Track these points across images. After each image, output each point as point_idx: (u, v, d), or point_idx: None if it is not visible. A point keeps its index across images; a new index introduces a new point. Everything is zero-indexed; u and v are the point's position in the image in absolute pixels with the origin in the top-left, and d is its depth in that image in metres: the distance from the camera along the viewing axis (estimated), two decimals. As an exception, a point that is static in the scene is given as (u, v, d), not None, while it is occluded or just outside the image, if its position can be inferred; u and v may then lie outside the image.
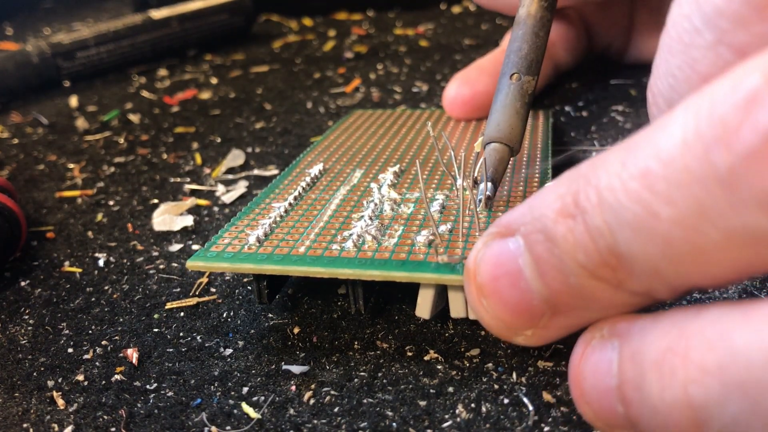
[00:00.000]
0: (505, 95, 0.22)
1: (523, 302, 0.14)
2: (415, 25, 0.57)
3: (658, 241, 0.11)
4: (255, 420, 0.16)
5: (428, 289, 0.18)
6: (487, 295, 0.14)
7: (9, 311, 0.21)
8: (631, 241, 0.12)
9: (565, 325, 0.14)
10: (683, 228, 0.11)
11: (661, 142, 0.11)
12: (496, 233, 0.14)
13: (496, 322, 0.14)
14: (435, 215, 0.20)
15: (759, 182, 0.10)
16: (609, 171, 0.12)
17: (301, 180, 0.23)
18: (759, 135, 0.10)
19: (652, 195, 0.11)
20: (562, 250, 0.13)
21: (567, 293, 0.13)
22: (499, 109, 0.22)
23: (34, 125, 0.40)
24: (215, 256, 0.18)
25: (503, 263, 0.14)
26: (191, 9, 0.52)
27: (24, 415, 0.17)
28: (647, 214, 0.11)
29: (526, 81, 0.22)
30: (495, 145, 0.21)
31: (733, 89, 0.11)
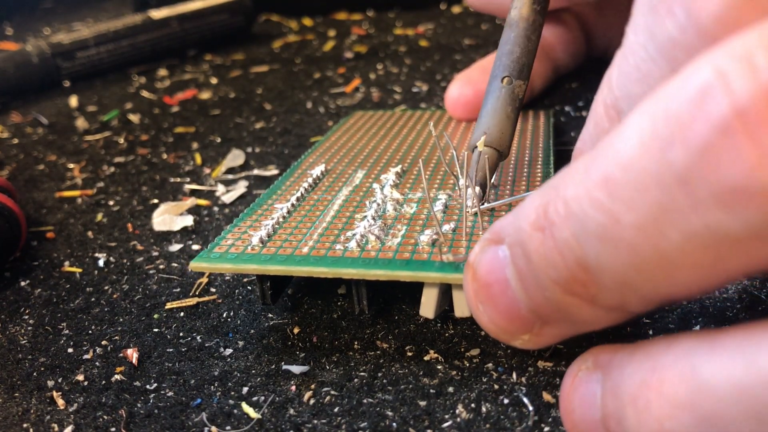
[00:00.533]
0: (495, 99, 0.22)
1: (513, 310, 0.14)
2: (415, 25, 0.57)
3: (624, 249, 0.11)
4: (255, 420, 0.16)
5: (432, 289, 0.18)
6: (483, 301, 0.14)
7: (9, 311, 0.21)
8: (598, 251, 0.11)
9: (556, 333, 0.14)
10: (646, 233, 0.11)
11: (620, 146, 0.11)
12: (489, 239, 0.14)
13: (492, 326, 0.14)
14: (438, 215, 0.20)
15: (715, 177, 0.10)
16: (575, 180, 0.12)
17: (303, 181, 0.23)
18: (712, 128, 0.10)
19: (614, 201, 0.11)
20: (535, 265, 0.13)
21: (547, 307, 0.13)
22: (489, 113, 0.21)
23: (34, 125, 0.40)
24: (218, 257, 0.18)
25: (494, 271, 0.14)
26: (191, 9, 0.52)
27: (24, 415, 0.17)
28: (611, 221, 0.11)
29: (517, 85, 0.22)
30: (484, 149, 0.21)
31: (684, 85, 0.10)
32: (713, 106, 0.10)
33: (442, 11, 0.62)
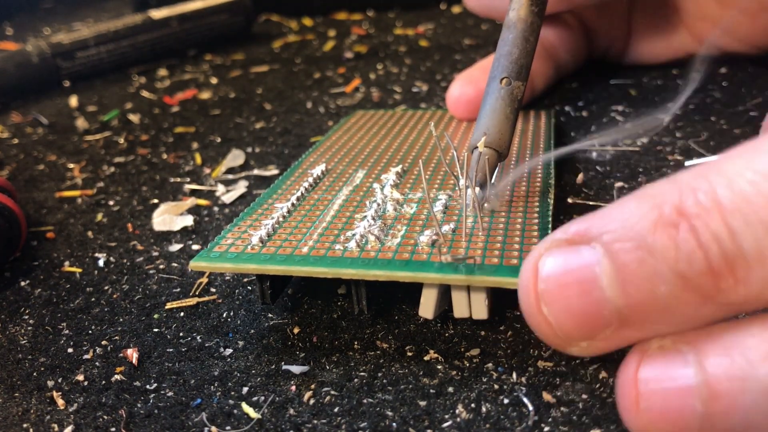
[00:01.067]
0: (494, 99, 0.22)
1: (592, 311, 0.13)
2: (415, 25, 0.57)
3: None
4: (255, 420, 0.16)
5: (431, 289, 0.18)
6: (551, 302, 0.14)
7: (9, 311, 0.21)
8: (765, 241, 0.12)
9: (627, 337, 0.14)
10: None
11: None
12: (564, 240, 0.14)
13: (555, 330, 0.14)
14: (438, 215, 0.20)
15: None
16: (728, 175, 0.12)
17: (303, 180, 0.23)
18: None
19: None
20: (660, 259, 0.13)
21: (648, 304, 0.13)
22: (488, 114, 0.21)
23: (34, 125, 0.40)
24: (218, 257, 0.18)
25: (574, 270, 0.13)
26: (191, 9, 0.52)
27: (24, 415, 0.17)
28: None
29: (516, 86, 0.22)
30: (485, 150, 0.21)
31: None
32: None
33: (442, 11, 0.62)
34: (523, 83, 0.22)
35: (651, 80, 0.37)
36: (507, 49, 0.23)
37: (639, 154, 0.28)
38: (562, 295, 0.14)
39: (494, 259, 0.17)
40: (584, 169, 0.27)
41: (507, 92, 0.22)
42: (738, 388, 0.12)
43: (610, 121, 0.32)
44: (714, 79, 0.36)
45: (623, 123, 0.32)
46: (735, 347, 0.12)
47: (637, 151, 0.28)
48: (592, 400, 0.16)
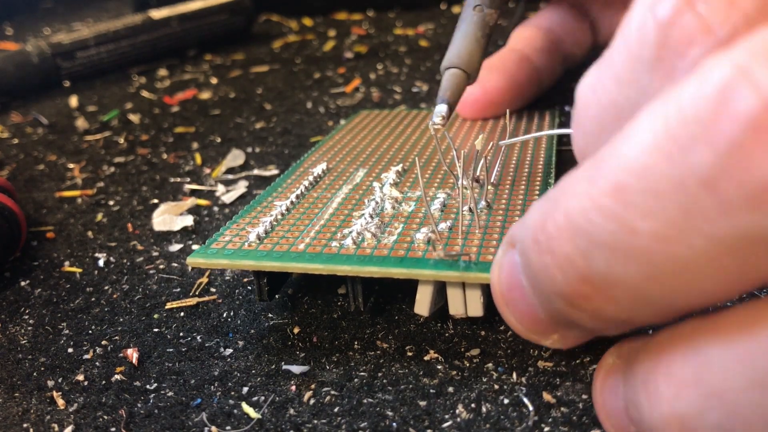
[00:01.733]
0: (467, 24, 0.23)
1: (532, 315, 0.14)
2: (415, 25, 0.57)
3: (640, 259, 0.11)
4: (255, 420, 0.16)
5: (427, 286, 0.18)
6: (507, 303, 0.14)
7: (9, 311, 0.21)
8: (609, 264, 0.11)
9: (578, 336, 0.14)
10: (666, 242, 0.10)
11: (630, 152, 0.10)
12: (507, 242, 0.14)
13: (519, 327, 0.14)
14: (436, 213, 0.20)
15: (746, 176, 0.09)
16: (577, 192, 0.11)
17: (303, 179, 0.23)
18: (739, 125, 0.09)
19: (628, 210, 0.10)
20: (538, 277, 0.12)
21: (557, 315, 0.13)
22: (459, 37, 0.23)
23: (34, 125, 0.40)
24: (215, 253, 0.18)
25: (513, 275, 0.14)
26: (191, 9, 0.52)
27: (24, 415, 0.17)
28: (625, 231, 0.10)
29: (488, 13, 0.23)
30: (453, 70, 0.22)
31: (702, 85, 0.10)
32: (739, 102, 0.09)
33: (442, 11, 0.62)
34: (496, 11, 0.23)
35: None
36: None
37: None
38: (511, 297, 0.14)
39: (489, 257, 0.17)
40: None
41: (479, 18, 0.23)
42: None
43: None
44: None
45: None
46: None
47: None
48: (592, 400, 0.16)
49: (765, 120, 0.09)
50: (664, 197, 0.10)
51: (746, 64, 0.09)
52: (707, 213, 0.10)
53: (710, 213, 0.10)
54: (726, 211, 0.10)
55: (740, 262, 0.10)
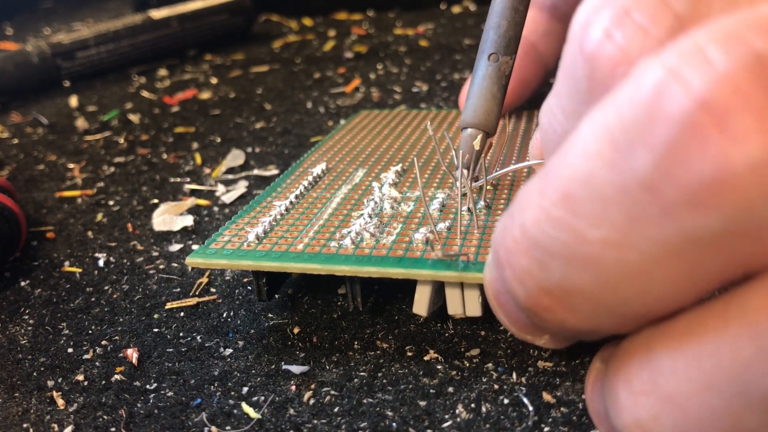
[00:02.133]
0: (482, 78, 0.21)
1: (517, 318, 0.14)
2: (415, 25, 0.57)
3: (593, 267, 0.11)
4: (255, 420, 0.16)
5: (425, 286, 0.18)
6: (497, 308, 0.14)
7: (9, 311, 0.21)
8: (565, 273, 0.11)
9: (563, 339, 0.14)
10: (615, 248, 0.10)
11: (574, 161, 0.11)
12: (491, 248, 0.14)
13: (512, 329, 0.15)
14: (435, 213, 0.20)
15: (685, 175, 0.09)
16: (530, 204, 0.11)
17: (303, 179, 0.23)
18: (675, 125, 0.09)
19: (577, 218, 0.10)
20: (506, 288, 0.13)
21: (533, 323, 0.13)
22: (475, 93, 0.21)
23: (34, 125, 0.40)
24: (214, 253, 0.18)
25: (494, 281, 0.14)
26: (191, 9, 0.52)
27: (24, 415, 0.17)
28: (576, 240, 0.10)
29: (503, 62, 0.21)
30: (471, 131, 0.21)
31: (636, 88, 0.10)
32: (672, 103, 0.09)
33: (442, 11, 0.62)
34: (511, 57, 0.22)
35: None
36: (495, 21, 0.22)
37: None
38: (499, 302, 0.14)
39: (487, 257, 0.17)
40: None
41: (494, 69, 0.21)
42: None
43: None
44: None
45: None
46: None
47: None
48: (592, 400, 0.16)
49: (698, 119, 0.09)
50: (609, 203, 0.10)
51: (676, 65, 0.09)
52: (651, 217, 0.10)
53: (654, 216, 0.10)
54: (668, 214, 0.10)
55: (689, 265, 0.10)
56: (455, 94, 0.39)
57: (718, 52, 0.09)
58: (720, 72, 0.09)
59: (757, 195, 0.09)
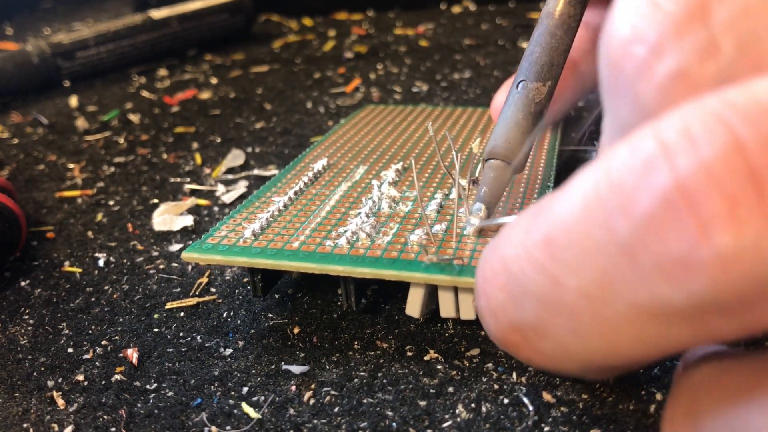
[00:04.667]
0: (508, 105, 0.20)
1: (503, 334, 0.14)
2: (415, 25, 0.57)
3: (565, 313, 0.11)
4: (255, 420, 0.16)
5: (418, 288, 0.18)
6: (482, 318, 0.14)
7: (9, 311, 0.21)
8: (537, 314, 0.11)
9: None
10: (589, 299, 0.10)
11: (563, 209, 0.11)
12: None
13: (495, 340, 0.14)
14: (432, 214, 0.20)
15: (659, 248, 0.09)
16: (514, 240, 0.12)
17: (303, 175, 0.23)
18: (655, 200, 0.09)
19: (556, 264, 0.11)
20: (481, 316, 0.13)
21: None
22: (499, 122, 0.20)
23: (34, 125, 0.40)
24: (210, 248, 0.18)
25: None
26: (191, 9, 0.52)
27: (24, 415, 0.17)
28: (552, 284, 0.11)
29: (533, 89, 0.20)
30: (491, 162, 0.19)
31: (631, 154, 0.10)
32: (656, 177, 0.10)
33: (442, 11, 0.62)
34: (543, 83, 0.20)
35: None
36: (530, 49, 0.21)
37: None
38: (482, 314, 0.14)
39: None
40: (584, 169, 0.27)
41: (521, 96, 0.20)
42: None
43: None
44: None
45: None
46: None
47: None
48: (592, 400, 0.16)
49: (675, 199, 0.09)
50: (588, 256, 0.10)
51: (670, 141, 0.10)
52: (626, 279, 0.10)
53: (629, 280, 0.10)
54: (643, 281, 0.10)
55: (659, 328, 0.10)
56: (455, 94, 0.39)
57: (703, 134, 0.09)
58: (700, 157, 0.09)
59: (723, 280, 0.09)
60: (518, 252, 0.11)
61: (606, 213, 0.10)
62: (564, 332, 0.11)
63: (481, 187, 0.19)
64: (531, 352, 0.12)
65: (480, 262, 0.13)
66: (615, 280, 0.10)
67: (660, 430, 0.13)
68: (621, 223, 0.10)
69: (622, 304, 0.10)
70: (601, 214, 0.10)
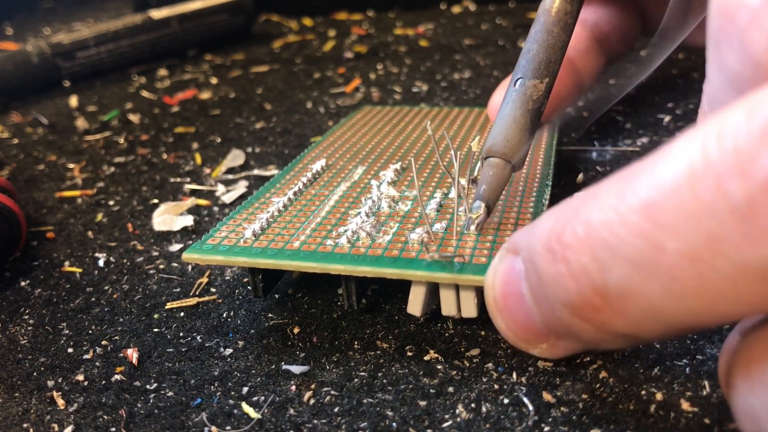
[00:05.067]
0: (506, 104, 0.20)
1: (528, 321, 0.14)
2: (415, 25, 0.57)
3: (663, 276, 0.11)
4: (255, 420, 0.16)
5: (419, 287, 0.18)
6: (501, 310, 0.14)
7: (9, 311, 0.21)
8: (629, 278, 0.11)
9: (570, 348, 0.14)
10: (692, 262, 0.10)
11: (665, 173, 0.11)
12: (507, 249, 0.14)
13: (510, 334, 0.15)
14: (432, 213, 0.20)
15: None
16: (603, 205, 0.12)
17: (302, 176, 0.23)
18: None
19: (657, 228, 0.11)
20: (546, 286, 0.13)
21: (557, 324, 0.13)
22: (497, 120, 0.20)
23: (34, 125, 0.40)
24: (210, 249, 0.18)
25: (511, 282, 0.14)
26: (191, 9, 0.52)
27: (24, 415, 0.17)
28: (651, 248, 0.11)
29: (530, 86, 0.20)
30: (490, 159, 0.19)
31: (748, 119, 0.10)
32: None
33: (442, 11, 0.62)
34: (541, 80, 0.20)
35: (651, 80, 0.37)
36: (527, 46, 0.21)
37: (639, 154, 0.28)
38: (506, 304, 0.14)
39: (482, 258, 0.17)
40: (584, 168, 0.27)
41: (519, 94, 0.20)
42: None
43: (610, 121, 0.32)
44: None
45: (623, 123, 0.32)
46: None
47: (637, 151, 0.28)
48: (592, 400, 0.16)
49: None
50: (695, 220, 0.10)
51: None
52: (736, 242, 0.10)
53: (739, 242, 0.10)
54: (754, 243, 0.10)
55: (759, 289, 0.10)
56: (455, 94, 0.39)
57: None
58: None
59: None
60: (609, 217, 0.11)
61: (718, 177, 0.10)
62: (657, 294, 0.11)
63: (481, 185, 0.19)
64: (612, 316, 0.12)
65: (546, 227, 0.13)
66: (723, 242, 0.10)
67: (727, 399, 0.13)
68: (735, 187, 0.10)
69: (727, 265, 0.10)
70: (712, 178, 0.10)
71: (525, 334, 0.14)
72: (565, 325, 0.13)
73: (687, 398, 0.15)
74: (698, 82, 0.36)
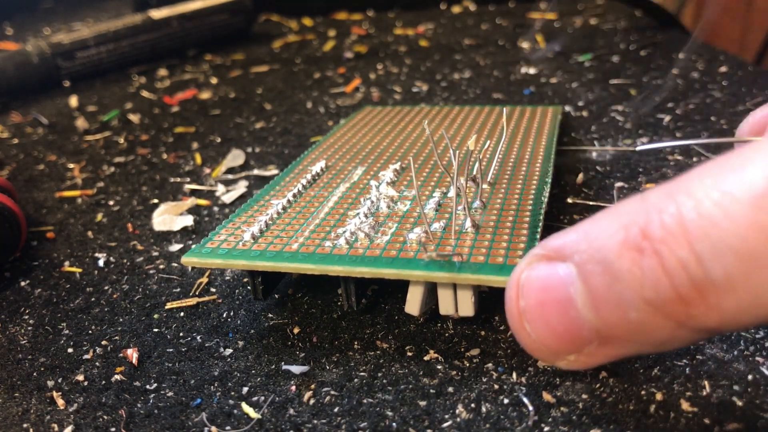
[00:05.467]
0: None
1: (571, 330, 0.13)
2: (415, 25, 0.57)
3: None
4: (255, 420, 0.16)
5: (417, 287, 0.18)
6: (532, 320, 0.14)
7: (9, 311, 0.21)
8: (732, 269, 0.11)
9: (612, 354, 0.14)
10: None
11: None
12: (542, 255, 0.14)
13: (539, 346, 0.14)
14: (430, 213, 0.20)
15: None
16: (696, 197, 0.11)
17: (302, 177, 0.23)
18: None
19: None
20: (626, 285, 0.12)
21: (623, 328, 0.13)
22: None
23: (34, 125, 0.40)
24: (210, 253, 0.18)
25: (551, 289, 0.13)
26: (191, 9, 0.52)
27: (24, 415, 0.17)
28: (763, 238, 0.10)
29: None
30: None
31: None
32: None
33: (442, 11, 0.62)
34: None
35: (651, 80, 0.37)
36: None
37: (639, 154, 0.28)
38: (541, 312, 0.13)
39: (480, 257, 0.17)
40: (584, 169, 0.27)
41: None
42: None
43: (610, 121, 0.32)
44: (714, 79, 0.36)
45: (623, 123, 0.32)
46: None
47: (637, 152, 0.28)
48: (592, 400, 0.16)
49: None
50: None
51: None
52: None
53: None
54: None
55: None
56: (455, 93, 0.39)
57: None
58: None
59: None
60: (711, 210, 0.11)
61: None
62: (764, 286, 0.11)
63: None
64: (705, 310, 0.11)
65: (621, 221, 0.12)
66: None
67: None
68: None
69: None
70: None
71: (559, 343, 0.14)
72: (638, 325, 0.12)
73: (687, 398, 0.15)
74: (698, 82, 0.36)
